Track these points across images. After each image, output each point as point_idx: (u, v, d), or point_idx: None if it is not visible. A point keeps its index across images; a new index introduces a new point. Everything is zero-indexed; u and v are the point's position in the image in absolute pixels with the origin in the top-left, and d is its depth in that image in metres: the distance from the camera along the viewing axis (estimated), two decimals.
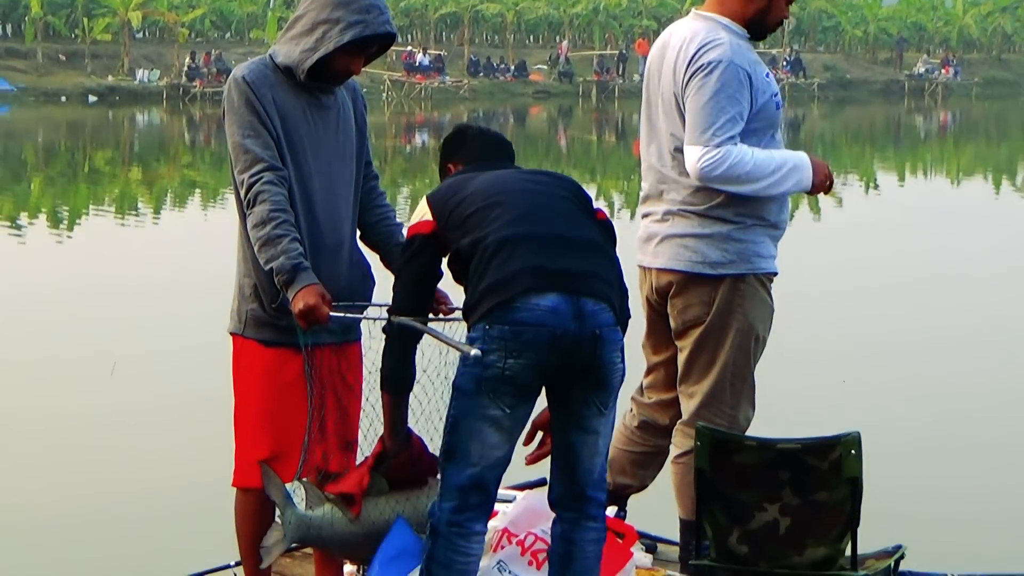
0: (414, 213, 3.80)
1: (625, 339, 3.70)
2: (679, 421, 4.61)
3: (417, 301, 3.77)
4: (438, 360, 3.94)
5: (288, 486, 3.95)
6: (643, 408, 4.79)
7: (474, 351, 3.36)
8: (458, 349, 3.44)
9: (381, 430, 3.89)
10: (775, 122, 4.59)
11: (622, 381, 3.70)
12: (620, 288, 3.76)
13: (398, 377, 3.73)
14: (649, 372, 4.77)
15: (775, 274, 4.62)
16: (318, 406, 3.88)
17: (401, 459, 3.88)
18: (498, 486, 3.71)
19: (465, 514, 3.57)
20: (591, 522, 3.67)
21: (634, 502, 5.07)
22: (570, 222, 3.73)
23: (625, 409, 4.89)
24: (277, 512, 3.94)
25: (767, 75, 4.56)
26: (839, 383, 9.14)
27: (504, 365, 3.48)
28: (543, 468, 3.93)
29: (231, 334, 3.91)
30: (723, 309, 4.50)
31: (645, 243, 4.60)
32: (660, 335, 4.64)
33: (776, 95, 4.58)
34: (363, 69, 3.91)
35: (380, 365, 3.80)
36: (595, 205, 3.87)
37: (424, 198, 3.78)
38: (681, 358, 4.60)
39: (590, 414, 3.60)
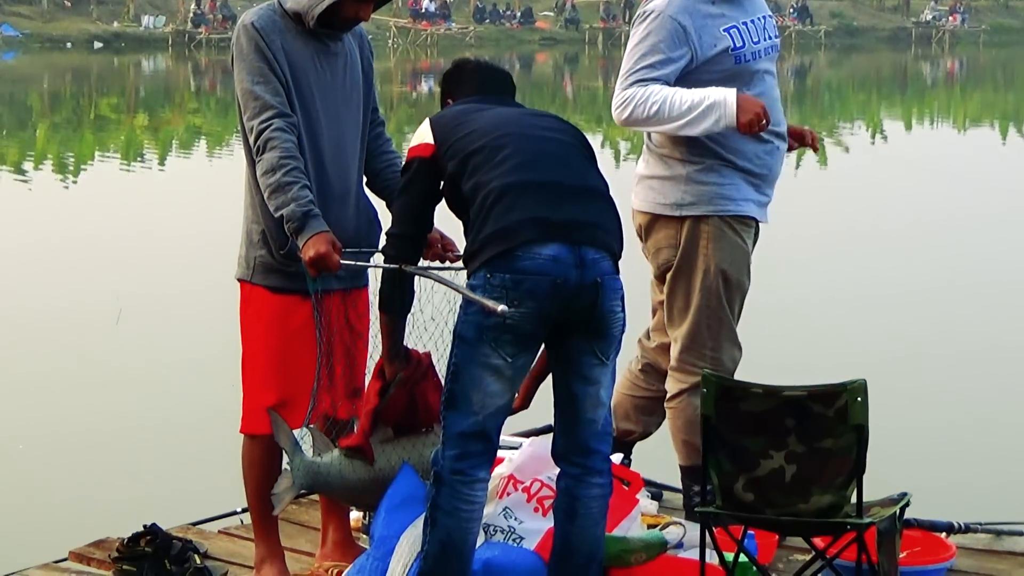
0: (415, 134, 3.81)
1: (626, 288, 3.69)
2: (668, 365, 4.73)
3: (416, 226, 3.80)
4: (445, 309, 4.00)
5: (296, 433, 4.01)
6: (646, 351, 4.93)
7: (502, 307, 3.38)
8: (483, 304, 3.46)
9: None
10: (737, 73, 4.63)
11: (623, 331, 3.74)
12: (620, 237, 3.80)
13: (397, 298, 3.79)
14: (654, 313, 4.89)
15: (750, 217, 4.67)
16: (326, 352, 3.93)
17: (400, 399, 3.97)
18: (499, 433, 3.77)
19: (468, 461, 3.62)
20: (596, 476, 3.72)
21: (640, 449, 5.19)
22: (574, 169, 3.76)
23: (631, 356, 4.99)
24: (285, 459, 4.01)
25: (731, 27, 4.62)
26: (848, 330, 9.22)
27: (504, 315, 3.52)
28: (549, 414, 3.95)
29: (239, 280, 3.96)
30: (688, 251, 4.62)
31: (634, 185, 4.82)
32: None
33: (737, 49, 4.63)
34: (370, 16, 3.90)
35: (379, 288, 3.85)
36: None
37: (427, 120, 3.79)
38: (665, 303, 4.73)
39: (591, 363, 3.65)
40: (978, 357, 8.96)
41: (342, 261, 3.66)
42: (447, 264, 4.12)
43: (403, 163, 3.86)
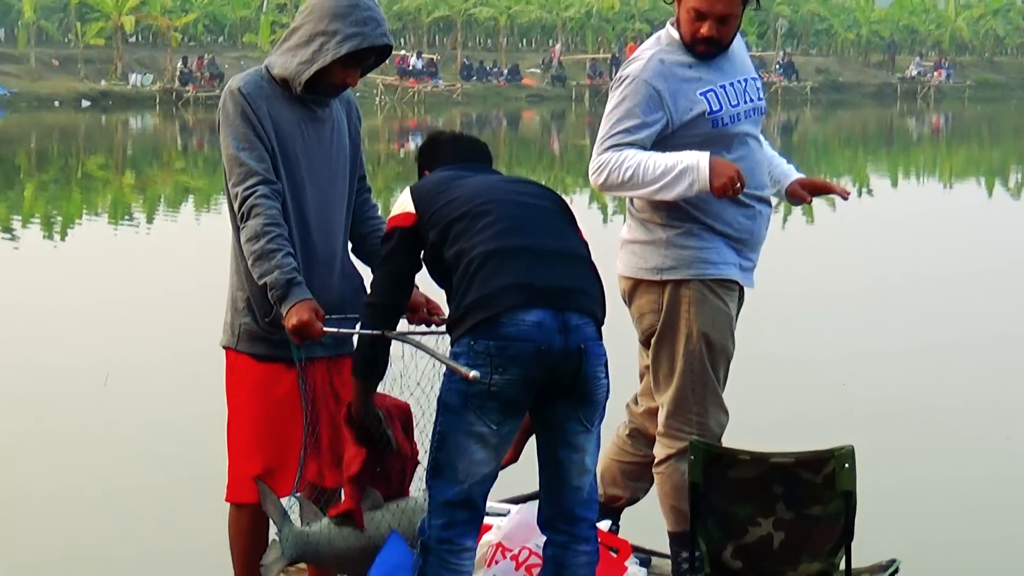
0: (395, 204, 3.81)
1: (610, 352, 3.66)
2: (656, 431, 4.65)
3: (395, 296, 3.79)
4: (431, 372, 3.97)
5: (284, 501, 3.97)
6: (634, 416, 4.83)
7: (473, 373, 3.37)
8: (456, 370, 3.44)
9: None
10: (717, 138, 4.58)
11: (607, 397, 3.71)
12: (603, 303, 3.77)
13: (372, 364, 3.78)
14: (641, 378, 4.81)
15: (732, 280, 4.61)
16: (312, 421, 3.91)
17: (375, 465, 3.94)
18: (486, 501, 3.74)
19: (454, 530, 3.58)
20: (582, 544, 3.66)
21: (628, 515, 5.08)
22: (556, 234, 3.74)
23: (619, 421, 4.93)
24: (272, 529, 3.97)
25: (708, 91, 4.56)
26: (837, 386, 9.15)
27: (490, 381, 3.48)
28: (537, 482, 3.90)
29: (224, 348, 3.94)
30: (670, 315, 4.53)
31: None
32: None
33: (713, 112, 4.57)
34: None
35: (354, 351, 3.86)
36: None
37: (408, 189, 3.78)
38: (650, 368, 4.67)
39: (576, 430, 3.62)
40: (972, 411, 8.92)
41: (325, 328, 3.65)
42: (431, 328, 4.09)
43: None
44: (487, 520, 4.08)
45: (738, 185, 4.33)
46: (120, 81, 48.78)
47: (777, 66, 57.28)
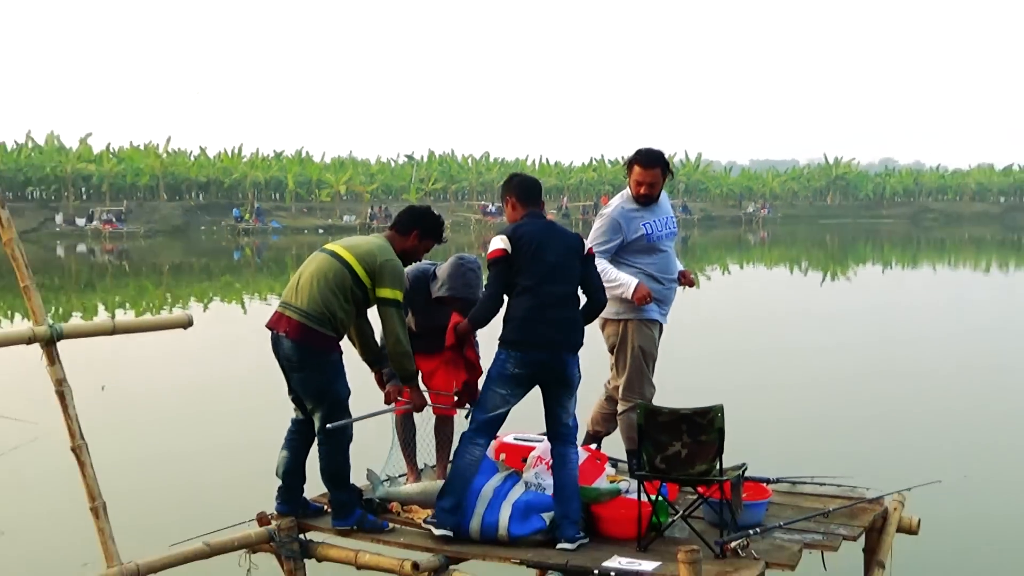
0: (490, 246, 5.84)
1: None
2: (618, 397, 6.82)
3: (497, 306, 5.91)
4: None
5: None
6: (608, 389, 7.12)
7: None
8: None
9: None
10: (648, 248, 6.67)
11: (579, 381, 5.93)
12: (583, 331, 5.85)
13: (489, 317, 5.93)
14: (611, 369, 7.05)
15: (654, 320, 6.79)
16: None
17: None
18: (498, 426, 5.96)
19: (476, 432, 5.91)
20: (567, 445, 5.93)
21: (605, 442, 7.47)
22: (568, 279, 5.80)
23: (600, 392, 7.25)
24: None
25: (647, 223, 6.63)
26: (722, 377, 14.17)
27: (512, 372, 5.79)
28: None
29: None
30: (623, 337, 6.73)
31: None
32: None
33: (650, 235, 6.65)
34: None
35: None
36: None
37: (498, 236, 5.85)
38: (614, 365, 6.82)
39: (562, 397, 5.89)
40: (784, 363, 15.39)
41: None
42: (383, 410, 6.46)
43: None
44: (531, 443, 6.35)
45: (648, 299, 6.48)
46: (339, 219, 78.80)
47: (681, 207, 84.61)
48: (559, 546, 5.86)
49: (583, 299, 5.94)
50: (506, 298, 5.82)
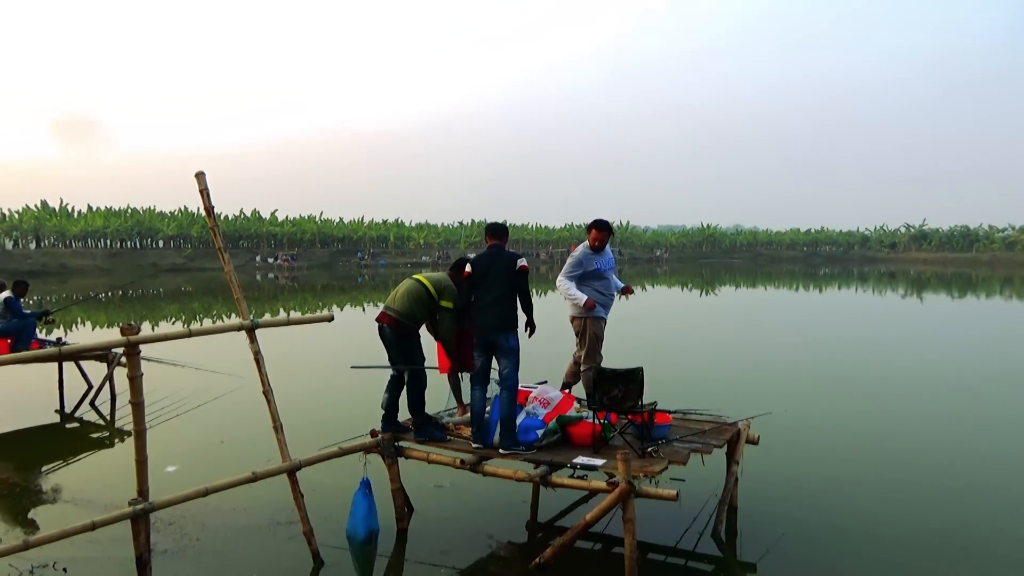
0: (463, 270, 9.39)
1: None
2: (581, 361, 10.41)
3: (466, 302, 9.27)
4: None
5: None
6: (575, 357, 10.75)
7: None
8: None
9: None
10: (598, 275, 10.16)
11: (516, 349, 9.27)
12: (509, 320, 8.93)
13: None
14: (577, 346, 10.69)
15: (602, 318, 10.29)
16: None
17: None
18: (485, 377, 9.37)
19: (473, 383, 9.53)
20: (504, 390, 9.24)
21: (573, 389, 11.17)
22: (499, 288, 9.04)
23: (570, 358, 11.07)
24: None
25: (597, 261, 10.09)
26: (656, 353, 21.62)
27: (477, 342, 9.29)
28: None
29: None
30: (584, 328, 10.30)
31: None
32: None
33: (599, 268, 10.12)
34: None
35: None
36: (520, 262, 9.38)
37: (468, 262, 9.29)
38: (577, 344, 10.42)
39: (500, 359, 9.27)
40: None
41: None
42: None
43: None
44: (527, 388, 10.07)
45: (591, 310, 9.89)
46: (419, 259, 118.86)
47: (617, 251, 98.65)
48: (499, 449, 9.36)
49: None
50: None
